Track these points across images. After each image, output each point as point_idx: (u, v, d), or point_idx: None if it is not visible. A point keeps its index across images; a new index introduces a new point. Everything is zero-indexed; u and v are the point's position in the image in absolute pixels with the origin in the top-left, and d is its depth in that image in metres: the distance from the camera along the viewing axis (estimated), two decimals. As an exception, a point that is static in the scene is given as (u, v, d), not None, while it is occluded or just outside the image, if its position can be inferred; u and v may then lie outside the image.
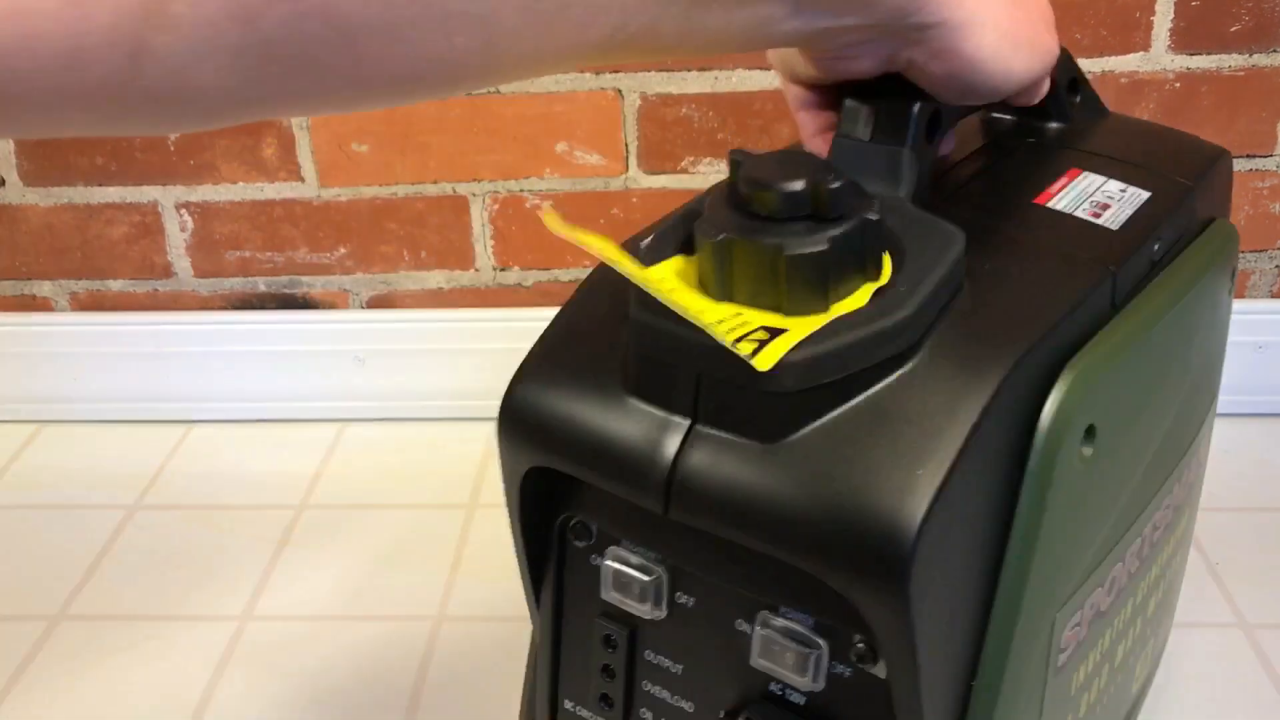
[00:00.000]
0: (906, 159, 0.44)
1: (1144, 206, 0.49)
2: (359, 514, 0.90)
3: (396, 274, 0.98)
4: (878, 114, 0.44)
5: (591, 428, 0.40)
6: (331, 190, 0.95)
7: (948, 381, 0.38)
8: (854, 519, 0.36)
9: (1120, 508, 0.47)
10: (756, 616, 0.41)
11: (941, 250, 0.40)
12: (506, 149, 0.92)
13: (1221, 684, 0.71)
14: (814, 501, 0.36)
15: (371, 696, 0.73)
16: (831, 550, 0.36)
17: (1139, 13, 0.86)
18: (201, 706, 0.73)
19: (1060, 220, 0.47)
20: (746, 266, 0.37)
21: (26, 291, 1.01)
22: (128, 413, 1.02)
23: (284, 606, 0.81)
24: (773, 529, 0.37)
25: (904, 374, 0.38)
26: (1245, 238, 0.92)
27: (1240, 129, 0.89)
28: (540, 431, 0.42)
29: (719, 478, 0.38)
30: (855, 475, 0.36)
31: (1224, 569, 0.80)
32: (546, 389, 0.42)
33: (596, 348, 0.42)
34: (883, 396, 0.38)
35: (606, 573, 0.44)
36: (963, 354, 0.39)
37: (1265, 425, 0.95)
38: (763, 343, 0.36)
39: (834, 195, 0.37)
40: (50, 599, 0.82)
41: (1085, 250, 0.45)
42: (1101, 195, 0.49)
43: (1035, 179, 0.51)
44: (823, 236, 0.37)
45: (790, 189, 0.37)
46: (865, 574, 0.36)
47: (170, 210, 0.96)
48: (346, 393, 1.00)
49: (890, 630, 0.37)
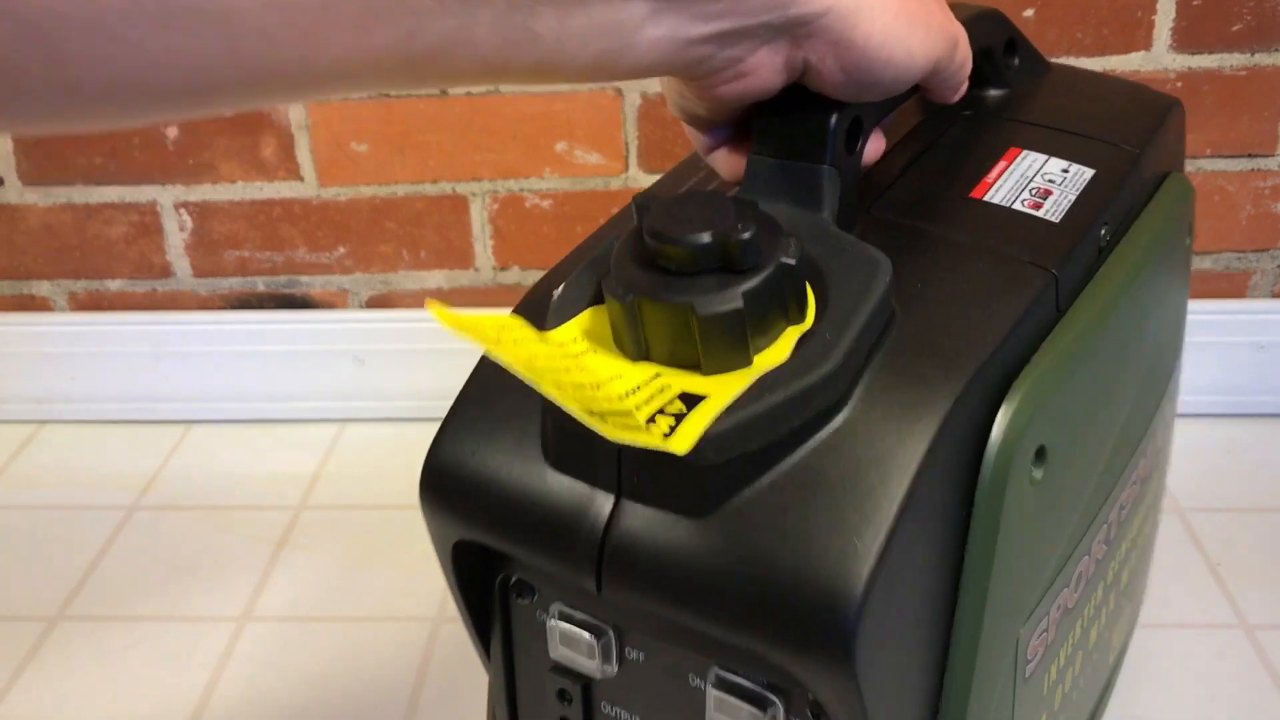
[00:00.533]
0: (826, 177, 0.41)
1: (1089, 188, 0.46)
2: (358, 514, 0.90)
3: (396, 274, 0.98)
4: (791, 130, 0.41)
5: (515, 504, 0.38)
6: (331, 190, 0.95)
7: (882, 434, 0.36)
8: (792, 595, 0.34)
9: (1080, 510, 0.45)
10: (708, 675, 0.39)
11: (867, 282, 0.37)
12: (506, 148, 0.92)
13: (1222, 684, 0.71)
14: (750, 577, 0.35)
15: (371, 697, 0.73)
16: (771, 627, 0.35)
17: (1140, 12, 0.85)
18: (201, 706, 0.72)
19: (997, 216, 0.44)
20: (659, 326, 0.35)
21: (25, 291, 1.00)
22: (126, 413, 1.01)
23: (283, 607, 0.80)
24: (708, 606, 0.35)
25: (835, 429, 0.36)
26: (1246, 238, 0.92)
27: (1242, 128, 0.89)
28: (463, 506, 0.40)
29: (649, 555, 0.36)
30: (791, 547, 0.34)
31: (1224, 569, 0.80)
32: (467, 459, 0.40)
33: (516, 409, 0.40)
34: (814, 457, 0.35)
35: (553, 631, 0.42)
36: (897, 399, 0.36)
37: (1266, 425, 0.95)
38: (679, 416, 0.33)
39: (744, 247, 0.35)
40: (49, 599, 0.82)
41: (1025, 251, 0.42)
42: (1042, 180, 0.47)
43: (971, 166, 0.47)
44: (736, 292, 0.34)
45: (697, 241, 0.35)
46: (808, 650, 0.34)
47: (169, 210, 0.96)
48: (346, 393, 1.00)
49: (839, 701, 0.35)
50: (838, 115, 0.40)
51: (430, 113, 0.91)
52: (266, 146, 0.93)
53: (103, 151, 0.94)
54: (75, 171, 0.95)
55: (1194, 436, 0.94)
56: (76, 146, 0.94)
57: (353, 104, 0.91)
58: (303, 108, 0.91)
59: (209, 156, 0.94)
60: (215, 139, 0.93)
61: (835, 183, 0.41)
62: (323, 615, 0.80)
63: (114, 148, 0.94)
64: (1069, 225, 0.44)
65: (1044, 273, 0.42)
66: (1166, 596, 0.78)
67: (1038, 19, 0.86)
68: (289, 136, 0.93)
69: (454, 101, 0.91)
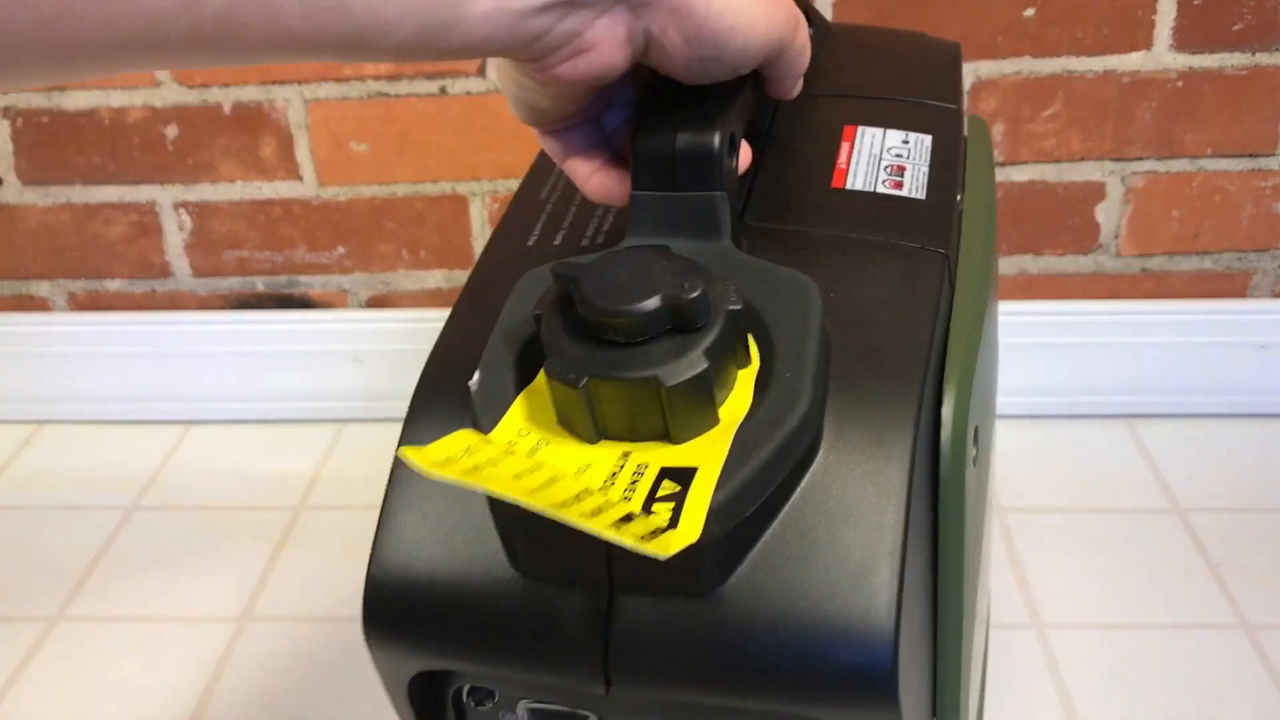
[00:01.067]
0: (719, 203, 0.38)
1: (934, 156, 0.46)
2: (357, 514, 0.90)
3: (395, 273, 0.98)
4: (676, 160, 0.38)
5: (494, 626, 0.35)
6: (330, 189, 0.95)
7: (864, 467, 0.35)
8: (824, 650, 0.33)
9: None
10: None
11: (803, 309, 0.36)
12: (505, 148, 0.92)
13: (1223, 684, 0.71)
14: (775, 644, 0.33)
15: (370, 697, 0.72)
16: (807, 687, 0.33)
17: (1141, 11, 0.85)
18: (201, 707, 0.72)
19: (868, 204, 0.44)
20: (619, 405, 0.32)
21: (24, 291, 1.00)
22: (126, 413, 1.01)
23: (282, 607, 0.80)
24: (733, 682, 0.34)
25: (816, 472, 0.35)
26: (1246, 238, 0.92)
27: (1243, 128, 0.89)
28: (427, 637, 0.36)
29: (660, 646, 0.34)
30: (809, 603, 0.33)
31: (1225, 569, 0.80)
32: (420, 584, 0.36)
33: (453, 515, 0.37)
34: (805, 505, 0.34)
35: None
36: (865, 427, 0.35)
37: (1266, 425, 0.95)
38: (675, 497, 0.31)
39: (695, 304, 0.32)
40: (48, 600, 0.82)
41: (910, 236, 0.42)
42: (890, 156, 0.47)
43: (817, 153, 0.47)
44: (698, 354, 0.32)
45: (647, 308, 0.32)
46: (850, 698, 0.33)
47: (168, 210, 0.96)
48: (345, 393, 1.00)
49: None
50: (719, 134, 0.38)
51: (430, 112, 0.91)
52: (266, 146, 0.93)
53: (102, 151, 0.94)
54: (74, 171, 0.95)
55: (1194, 436, 0.94)
56: (76, 146, 0.94)
57: (352, 104, 0.91)
58: (303, 107, 0.91)
59: (208, 156, 0.94)
60: (214, 139, 0.93)
61: (727, 206, 0.39)
62: (323, 615, 0.79)
63: (113, 147, 0.94)
64: (935, 201, 0.44)
65: (937, 255, 0.42)
66: (1166, 596, 0.78)
67: (1038, 19, 0.86)
68: (288, 136, 0.93)
69: (454, 101, 0.91)
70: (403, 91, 0.91)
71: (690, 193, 0.38)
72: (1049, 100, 0.88)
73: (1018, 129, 0.89)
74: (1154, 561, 0.81)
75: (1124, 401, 0.96)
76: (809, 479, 0.35)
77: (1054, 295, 0.95)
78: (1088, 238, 0.93)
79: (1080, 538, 0.84)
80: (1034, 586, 0.79)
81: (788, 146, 0.48)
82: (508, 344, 0.36)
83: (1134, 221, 0.92)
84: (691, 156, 0.38)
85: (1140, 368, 0.95)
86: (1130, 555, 0.82)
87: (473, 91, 0.91)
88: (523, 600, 0.35)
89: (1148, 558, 0.82)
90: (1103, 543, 0.83)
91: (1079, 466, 0.91)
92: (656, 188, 0.39)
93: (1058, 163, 0.90)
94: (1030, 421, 0.96)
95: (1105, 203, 0.92)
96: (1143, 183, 0.91)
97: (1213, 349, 0.94)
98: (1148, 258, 0.94)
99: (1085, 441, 0.94)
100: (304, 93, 0.91)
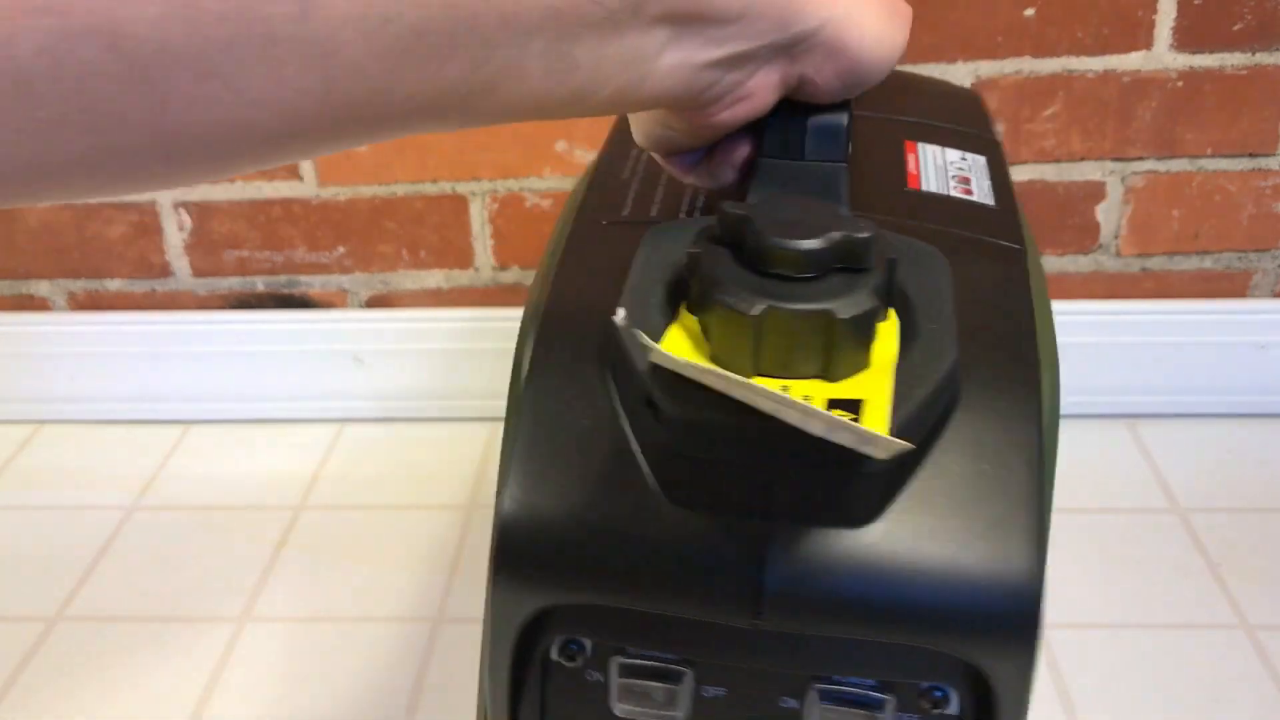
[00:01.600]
0: (843, 174, 0.42)
1: (991, 173, 0.49)
2: (358, 515, 0.90)
3: (395, 273, 0.98)
4: (808, 131, 0.41)
5: (638, 554, 0.36)
6: (330, 189, 0.94)
7: (998, 418, 0.36)
8: (977, 590, 0.34)
9: None
10: (807, 694, 0.38)
11: (934, 271, 0.38)
12: (506, 148, 0.92)
13: (1223, 684, 0.71)
14: (928, 581, 0.35)
15: (371, 697, 0.72)
16: (956, 624, 0.35)
17: (1141, 11, 0.85)
18: (201, 707, 0.72)
19: (946, 204, 0.47)
20: (787, 338, 0.33)
21: (24, 291, 1.00)
22: (126, 413, 1.01)
23: (283, 607, 0.80)
24: (886, 617, 0.35)
25: (957, 423, 0.36)
26: (1247, 238, 0.92)
27: (1243, 128, 0.89)
28: (566, 570, 0.36)
29: (819, 577, 0.35)
30: (962, 543, 0.35)
31: (1225, 569, 0.80)
32: (558, 516, 0.36)
33: (588, 450, 0.37)
34: (949, 451, 0.36)
35: (615, 688, 0.39)
36: (995, 385, 0.37)
37: (1266, 425, 0.95)
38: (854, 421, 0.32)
39: (865, 245, 0.34)
40: (48, 600, 0.82)
41: (990, 233, 0.45)
42: (953, 169, 0.49)
43: (887, 160, 0.49)
44: (867, 292, 0.34)
45: (826, 244, 0.34)
46: (996, 639, 0.35)
47: (168, 209, 0.96)
48: (345, 393, 1.00)
49: (1015, 678, 0.36)
50: (848, 115, 0.42)
51: (430, 112, 0.91)
52: (266, 146, 0.93)
53: (102, 151, 0.94)
54: (74, 171, 0.95)
55: (1194, 436, 0.94)
56: (76, 146, 0.94)
57: (352, 103, 0.91)
58: (302, 107, 0.91)
59: (208, 156, 0.94)
60: (215, 138, 0.93)
61: (847, 177, 0.42)
62: (323, 615, 0.79)
63: (113, 147, 0.94)
64: (1004, 207, 0.48)
65: (1016, 250, 0.45)
66: (1166, 596, 0.78)
67: (1038, 19, 0.86)
68: (288, 136, 0.93)
69: (454, 101, 0.91)
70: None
71: (815, 162, 0.42)
72: (1049, 100, 0.88)
73: (1018, 129, 0.89)
74: (1154, 561, 0.81)
75: (1124, 401, 0.96)
76: (951, 428, 0.36)
77: (1054, 295, 0.95)
78: (1088, 237, 0.93)
79: (1080, 538, 0.84)
80: (1034, 586, 0.79)
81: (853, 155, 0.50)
82: (651, 283, 0.37)
83: (1134, 221, 0.92)
84: (824, 128, 0.42)
85: (1140, 368, 0.95)
86: (1130, 555, 0.82)
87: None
88: (672, 528, 0.35)
89: (1148, 558, 0.82)
90: (1103, 543, 0.83)
91: (1079, 466, 0.91)
92: (785, 156, 0.42)
93: (1058, 162, 0.90)
94: (1030, 421, 0.96)
95: (1105, 202, 0.92)
96: (1143, 182, 0.91)
97: (1213, 349, 0.94)
98: (1148, 257, 0.94)
99: (1085, 441, 0.94)
100: (304, 92, 0.91)
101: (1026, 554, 0.35)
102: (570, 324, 0.40)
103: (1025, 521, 0.35)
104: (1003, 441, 0.36)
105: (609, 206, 0.48)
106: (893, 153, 0.50)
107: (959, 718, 0.38)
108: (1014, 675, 0.36)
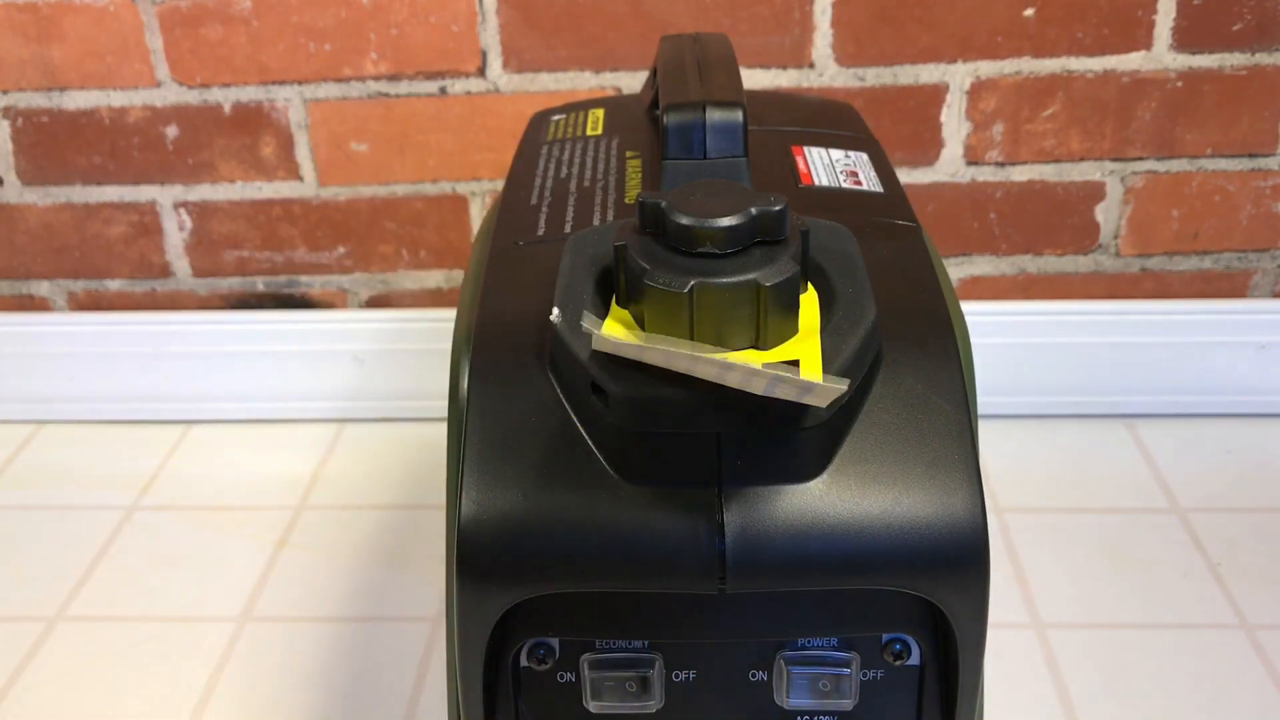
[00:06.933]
0: (745, 166, 0.44)
1: (875, 166, 0.53)
2: (358, 514, 0.90)
3: (395, 273, 0.98)
4: (707, 131, 0.45)
5: (598, 536, 0.36)
6: (330, 189, 0.95)
7: (922, 370, 0.39)
8: (928, 530, 0.36)
9: None
10: (774, 663, 0.40)
11: (844, 244, 0.41)
12: (506, 148, 0.92)
13: (1223, 684, 0.71)
14: (883, 525, 0.36)
15: (371, 697, 0.73)
16: (913, 564, 0.37)
17: (1141, 11, 0.85)
18: (200, 707, 0.72)
19: (840, 195, 0.50)
20: (719, 311, 0.35)
21: (24, 291, 1.00)
22: (126, 413, 1.01)
23: (282, 607, 0.80)
24: (849, 565, 0.37)
25: (883, 378, 0.39)
26: (1246, 238, 0.92)
27: (1243, 128, 0.89)
28: (528, 562, 0.37)
29: (776, 534, 0.36)
30: (906, 486, 0.37)
31: (1225, 569, 0.80)
32: (516, 508, 0.37)
33: (544, 443, 0.38)
34: (880, 403, 0.38)
35: (588, 685, 0.40)
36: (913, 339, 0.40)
37: (1266, 425, 0.95)
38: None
39: (779, 217, 0.36)
40: (48, 600, 0.82)
41: (885, 215, 0.48)
42: (840, 165, 0.53)
43: (777, 164, 0.53)
44: (787, 260, 0.35)
45: (741, 220, 0.36)
46: (952, 573, 0.37)
47: (168, 209, 0.96)
48: (345, 393, 1.00)
49: (970, 615, 0.38)
50: (742, 110, 0.45)
51: (430, 112, 0.91)
52: (266, 146, 0.93)
53: (102, 151, 0.94)
54: (74, 171, 0.95)
55: (1194, 436, 0.94)
56: (76, 146, 0.94)
57: (352, 104, 0.91)
58: (302, 107, 0.91)
59: (208, 156, 0.94)
60: (214, 139, 0.93)
61: (749, 168, 0.45)
62: (323, 615, 0.79)
63: (113, 147, 0.94)
64: (892, 192, 0.51)
65: (912, 227, 0.48)
66: (1167, 596, 0.78)
67: (1038, 19, 0.86)
68: (288, 136, 0.93)
69: (453, 101, 0.91)
70: (403, 91, 0.91)
71: (718, 159, 0.45)
72: (1049, 100, 0.88)
73: (1017, 129, 0.89)
74: (1154, 561, 0.81)
75: (1124, 401, 0.96)
76: (879, 381, 0.39)
77: (1054, 295, 0.95)
78: (1087, 238, 0.93)
79: (1080, 538, 0.84)
80: (1033, 586, 0.79)
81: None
82: (580, 283, 0.39)
83: (1134, 221, 0.92)
84: (722, 126, 0.45)
85: (1140, 368, 0.95)
86: (1130, 555, 0.82)
87: (472, 91, 0.91)
88: (629, 507, 0.37)
89: (1148, 558, 0.82)
90: (1103, 543, 0.83)
91: (1079, 466, 0.91)
92: (688, 156, 0.45)
93: (1057, 163, 0.90)
94: (1030, 421, 0.96)
95: (1105, 203, 0.92)
96: (1142, 183, 0.91)
97: (1212, 349, 0.94)
98: (1147, 257, 0.94)
99: (1085, 441, 0.94)
100: (304, 93, 0.91)
101: (966, 488, 0.37)
102: (504, 334, 0.41)
103: (961, 458, 0.37)
104: (930, 386, 0.38)
105: (523, 228, 0.49)
106: (782, 157, 0.53)
107: (921, 667, 0.40)
108: (969, 606, 0.38)
